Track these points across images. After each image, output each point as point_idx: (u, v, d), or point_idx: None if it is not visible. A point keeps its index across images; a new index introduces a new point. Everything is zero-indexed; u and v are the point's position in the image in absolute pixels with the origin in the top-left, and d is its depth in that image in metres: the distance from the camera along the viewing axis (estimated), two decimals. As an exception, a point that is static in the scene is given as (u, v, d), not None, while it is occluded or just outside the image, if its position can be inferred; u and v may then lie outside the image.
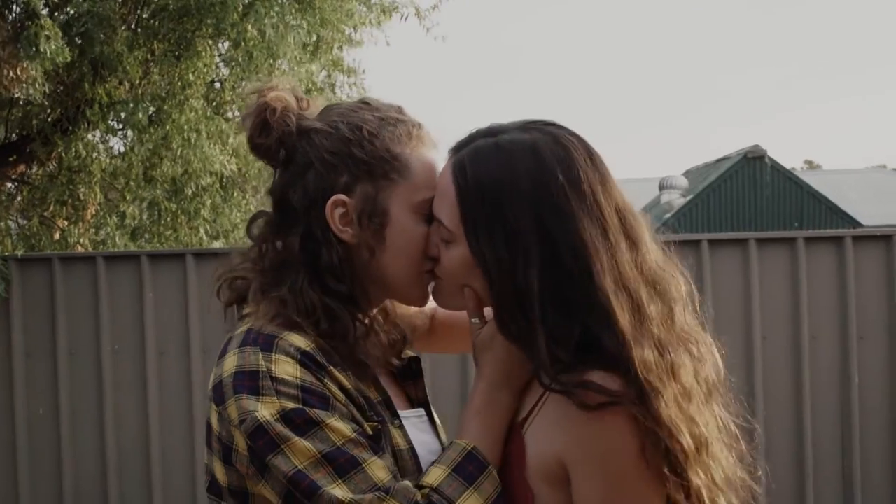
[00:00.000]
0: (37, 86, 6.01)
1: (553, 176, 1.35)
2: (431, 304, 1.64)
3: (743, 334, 5.26)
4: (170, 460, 5.31)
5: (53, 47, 5.70)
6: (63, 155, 7.25)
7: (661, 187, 20.49)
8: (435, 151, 1.51)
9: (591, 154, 1.39)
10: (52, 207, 7.48)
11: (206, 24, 6.73)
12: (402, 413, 1.50)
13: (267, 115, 1.47)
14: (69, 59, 6.04)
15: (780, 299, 5.28)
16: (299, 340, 1.40)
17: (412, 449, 1.45)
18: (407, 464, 1.42)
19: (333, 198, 1.44)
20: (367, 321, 1.49)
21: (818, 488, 5.27)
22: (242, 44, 6.67)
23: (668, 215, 19.04)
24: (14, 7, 6.76)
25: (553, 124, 1.42)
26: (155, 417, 5.30)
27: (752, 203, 19.00)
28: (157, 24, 6.94)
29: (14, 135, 7.64)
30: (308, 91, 7.34)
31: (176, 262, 5.39)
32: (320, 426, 1.34)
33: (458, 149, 1.44)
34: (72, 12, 6.65)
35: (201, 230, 7.42)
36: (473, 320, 1.47)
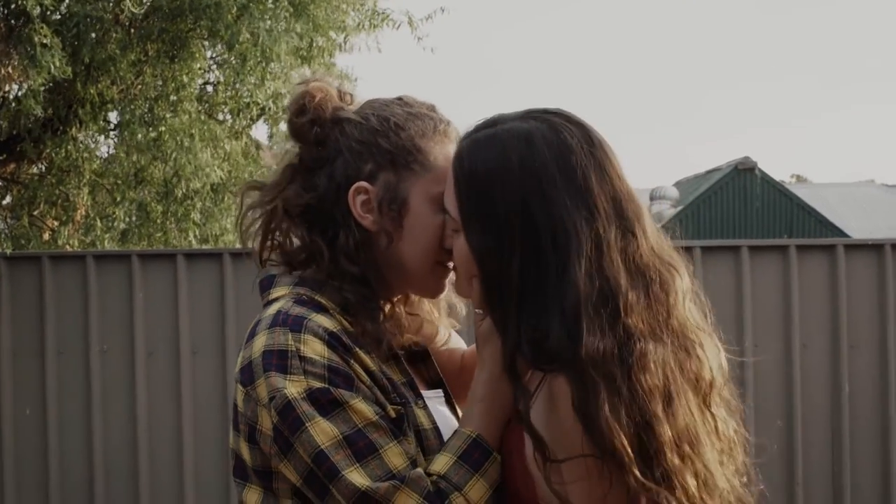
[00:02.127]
0: (37, 97, 5.98)
1: (543, 164, 1.36)
2: (459, 348, 1.71)
3: (734, 342, 5.25)
4: (157, 460, 5.27)
5: (57, 63, 5.69)
6: (53, 155, 7.22)
7: (652, 198, 20.51)
8: None
9: (589, 141, 1.40)
10: (41, 207, 7.45)
11: (201, 25, 6.72)
12: (425, 393, 1.55)
13: (305, 101, 1.55)
14: (70, 75, 6.03)
15: (771, 307, 5.29)
16: (327, 322, 1.45)
17: (436, 428, 1.50)
18: (432, 443, 1.47)
19: (356, 185, 1.50)
20: (384, 305, 1.54)
21: (808, 497, 5.27)
22: (236, 46, 6.66)
23: (658, 225, 19.06)
24: (5, 6, 6.73)
25: (555, 113, 1.43)
26: (143, 418, 5.26)
27: (742, 215, 19.07)
28: (150, 23, 6.92)
29: (3, 135, 7.60)
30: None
31: (167, 262, 5.35)
32: (344, 407, 1.39)
33: (462, 140, 1.47)
34: (65, 12, 6.63)
35: (190, 234, 7.39)
36: (477, 310, 1.48)
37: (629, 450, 1.27)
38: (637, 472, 1.27)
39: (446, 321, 1.71)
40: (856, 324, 5.28)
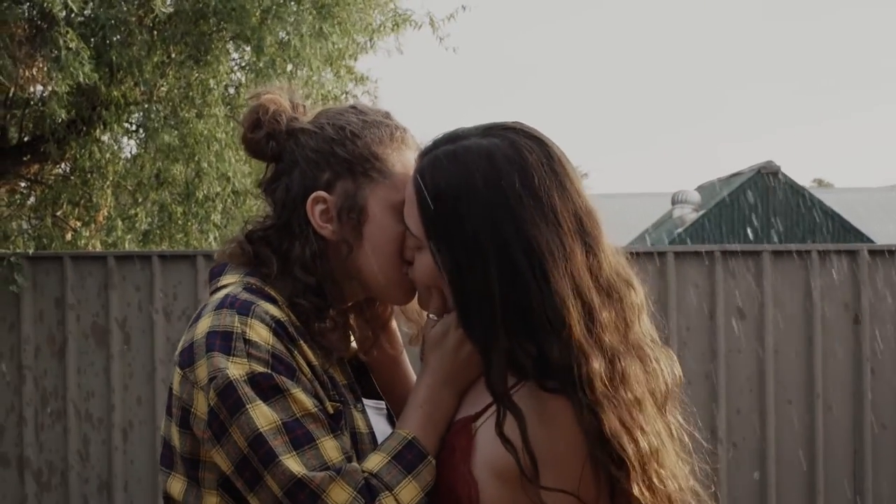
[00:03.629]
0: (61, 102, 6.01)
1: (508, 182, 1.37)
2: None
3: (755, 347, 5.23)
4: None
5: (87, 69, 5.73)
6: (77, 156, 7.27)
7: (674, 202, 20.43)
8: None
9: (549, 158, 1.41)
10: (64, 207, 7.50)
11: (226, 28, 6.74)
12: (366, 401, 1.55)
13: (259, 115, 1.53)
14: (98, 80, 6.06)
15: (793, 312, 5.25)
16: (274, 311, 1.44)
17: (372, 434, 1.49)
18: (367, 447, 1.46)
19: (314, 194, 1.49)
20: (335, 314, 1.52)
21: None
22: (264, 50, 6.66)
23: (680, 230, 18.99)
24: (30, 8, 6.78)
25: (513, 129, 1.44)
26: (163, 415, 5.28)
27: (764, 219, 18.93)
28: (174, 26, 6.94)
29: (27, 135, 7.66)
30: (324, 99, 7.34)
31: (186, 263, 5.40)
32: (284, 394, 1.38)
33: (422, 156, 1.47)
34: (90, 14, 6.67)
35: (211, 236, 7.41)
36: (431, 316, 1.50)
37: (634, 458, 1.32)
38: (640, 481, 1.33)
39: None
40: (879, 329, 5.24)
